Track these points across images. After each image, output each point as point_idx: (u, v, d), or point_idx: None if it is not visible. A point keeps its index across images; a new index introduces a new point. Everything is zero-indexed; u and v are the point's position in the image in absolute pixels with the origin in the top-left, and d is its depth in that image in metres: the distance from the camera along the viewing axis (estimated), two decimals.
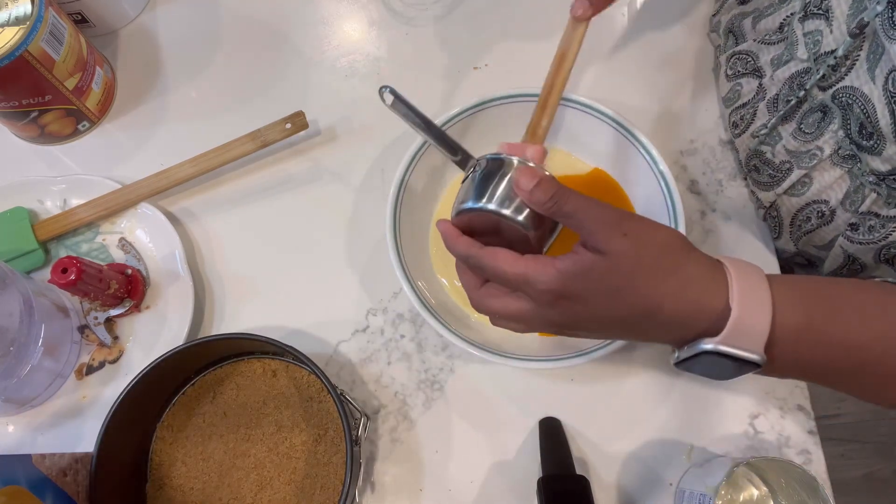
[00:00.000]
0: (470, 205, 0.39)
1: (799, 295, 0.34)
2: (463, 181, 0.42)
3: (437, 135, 0.45)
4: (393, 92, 0.44)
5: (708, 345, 0.33)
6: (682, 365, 0.36)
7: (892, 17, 0.37)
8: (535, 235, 0.39)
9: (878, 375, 0.35)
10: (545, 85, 0.48)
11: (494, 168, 0.39)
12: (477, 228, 0.40)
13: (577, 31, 0.47)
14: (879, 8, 0.38)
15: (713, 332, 0.33)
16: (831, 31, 0.44)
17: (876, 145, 0.41)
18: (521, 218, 0.38)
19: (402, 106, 0.44)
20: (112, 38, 0.68)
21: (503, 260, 0.36)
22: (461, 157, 0.44)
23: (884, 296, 0.35)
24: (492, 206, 0.38)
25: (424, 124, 0.45)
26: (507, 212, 0.38)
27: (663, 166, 0.50)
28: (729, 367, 0.34)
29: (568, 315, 0.35)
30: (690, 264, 0.34)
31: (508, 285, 0.37)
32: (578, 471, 0.46)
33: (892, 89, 0.38)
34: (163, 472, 0.49)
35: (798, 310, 0.34)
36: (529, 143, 0.46)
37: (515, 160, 0.39)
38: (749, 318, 0.33)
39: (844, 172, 0.46)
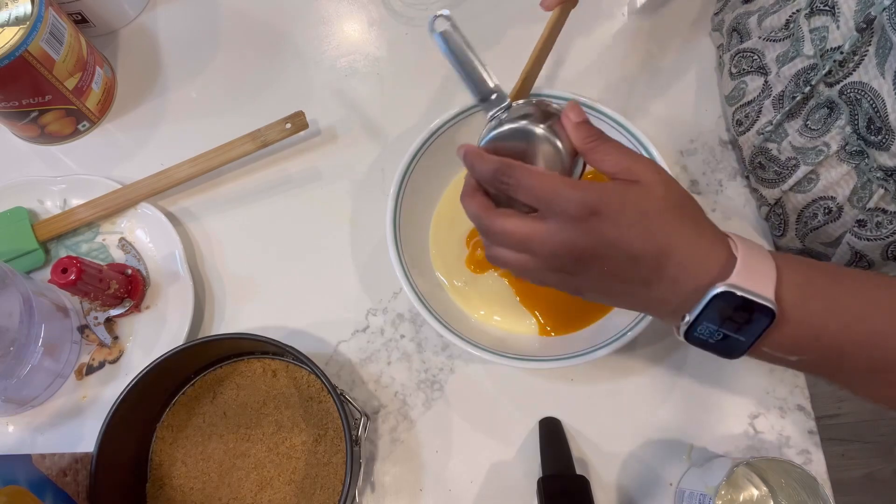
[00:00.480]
0: (514, 125, 0.38)
1: (798, 260, 0.35)
2: (490, 121, 0.41)
3: (479, 74, 0.41)
4: (450, 18, 0.41)
5: (720, 287, 0.33)
6: (692, 335, 0.35)
7: None
8: (568, 163, 0.39)
9: (885, 360, 0.34)
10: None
11: (534, 103, 0.40)
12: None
13: (552, 16, 0.48)
14: (887, 2, 0.38)
15: (722, 279, 0.33)
16: (838, 27, 0.43)
17: (884, 140, 0.41)
18: (560, 143, 0.38)
19: (454, 40, 0.41)
20: (112, 38, 0.68)
21: (539, 174, 0.36)
22: (496, 97, 0.41)
23: (883, 276, 0.35)
24: (531, 124, 0.38)
25: (470, 62, 0.41)
26: (547, 132, 0.38)
27: (663, 166, 0.50)
28: (741, 326, 0.34)
29: (591, 237, 0.35)
30: (703, 217, 0.36)
31: (535, 202, 0.36)
32: (578, 471, 0.46)
33: None
34: (163, 472, 0.49)
35: (800, 270, 0.35)
36: None
37: (554, 102, 0.40)
38: (756, 259, 0.34)
39: (851, 168, 0.45)
